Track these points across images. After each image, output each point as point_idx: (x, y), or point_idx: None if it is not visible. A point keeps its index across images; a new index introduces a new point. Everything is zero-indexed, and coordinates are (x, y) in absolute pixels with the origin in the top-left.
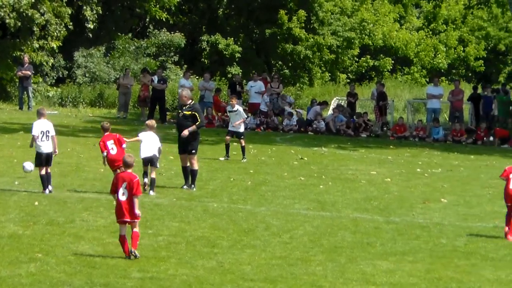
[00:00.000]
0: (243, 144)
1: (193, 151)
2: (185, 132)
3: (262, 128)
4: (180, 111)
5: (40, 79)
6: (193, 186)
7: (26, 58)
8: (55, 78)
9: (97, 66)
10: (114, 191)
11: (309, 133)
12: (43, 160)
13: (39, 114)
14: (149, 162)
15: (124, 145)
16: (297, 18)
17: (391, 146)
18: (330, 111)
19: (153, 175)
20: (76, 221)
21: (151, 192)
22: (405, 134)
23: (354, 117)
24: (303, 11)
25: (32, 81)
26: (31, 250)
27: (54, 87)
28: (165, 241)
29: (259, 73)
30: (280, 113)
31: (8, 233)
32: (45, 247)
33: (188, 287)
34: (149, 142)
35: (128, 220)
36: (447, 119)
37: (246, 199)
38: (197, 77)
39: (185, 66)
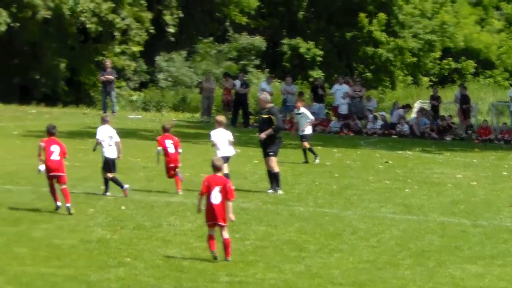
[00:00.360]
0: (308, 146)
1: (271, 153)
2: (262, 135)
3: (345, 131)
4: (260, 115)
5: (124, 84)
6: (277, 189)
7: (108, 63)
8: (138, 82)
9: (179, 70)
10: (205, 193)
11: (393, 136)
12: (111, 165)
13: (103, 121)
14: (225, 160)
15: (179, 150)
16: (377, 21)
17: (476, 149)
18: (413, 114)
19: (227, 170)
20: (163, 225)
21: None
22: (490, 137)
23: (438, 120)
24: (383, 14)
25: (115, 85)
26: (120, 255)
27: (137, 92)
28: (253, 245)
29: (343, 76)
30: (363, 117)
31: (96, 238)
32: (133, 252)
33: None
34: (224, 143)
35: (222, 224)
36: None
37: (332, 203)
38: (279, 80)
39: (267, 69)
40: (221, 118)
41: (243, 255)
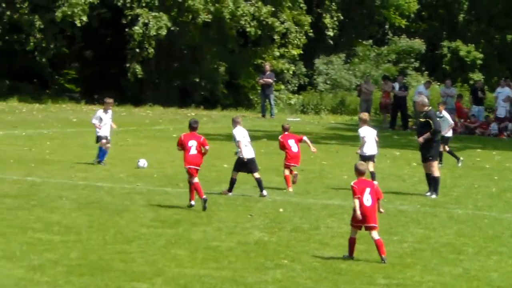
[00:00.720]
0: (447, 149)
1: (430, 158)
2: (420, 140)
3: (505, 134)
4: (418, 118)
5: (282, 87)
6: (433, 193)
7: (267, 66)
8: (296, 85)
9: (337, 73)
10: (359, 196)
11: None
12: (244, 165)
13: (236, 123)
14: (370, 159)
15: (304, 138)
16: None
17: None
18: None
19: (372, 168)
20: (320, 228)
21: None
22: None
23: None
24: None
25: (273, 88)
26: (277, 257)
27: (296, 95)
28: (410, 247)
29: (504, 79)
30: None
31: (254, 240)
32: (291, 254)
33: None
34: (371, 139)
35: (374, 225)
36: None
37: (491, 205)
38: (438, 83)
39: (426, 72)
40: (365, 116)
41: (400, 258)
